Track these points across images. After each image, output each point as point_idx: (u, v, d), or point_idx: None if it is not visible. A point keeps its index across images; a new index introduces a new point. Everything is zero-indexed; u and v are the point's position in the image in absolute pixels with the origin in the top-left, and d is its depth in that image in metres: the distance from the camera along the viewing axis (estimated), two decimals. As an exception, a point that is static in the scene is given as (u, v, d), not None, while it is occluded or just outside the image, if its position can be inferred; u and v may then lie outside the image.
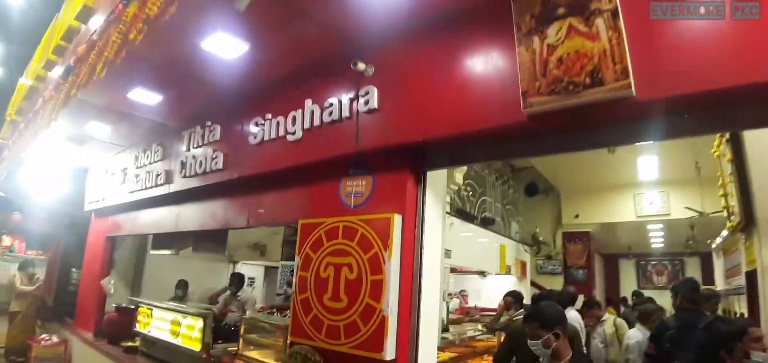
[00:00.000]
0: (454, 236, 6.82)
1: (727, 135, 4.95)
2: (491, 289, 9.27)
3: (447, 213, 6.73)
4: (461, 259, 7.05)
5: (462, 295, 8.94)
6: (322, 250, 4.03)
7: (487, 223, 7.96)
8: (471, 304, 9.21)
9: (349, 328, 3.66)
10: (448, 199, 6.86)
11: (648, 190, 10.62)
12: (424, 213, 3.80)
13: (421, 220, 3.77)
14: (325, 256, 3.99)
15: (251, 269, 10.63)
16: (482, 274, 8.46)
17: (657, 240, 14.27)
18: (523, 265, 9.40)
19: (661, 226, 12.26)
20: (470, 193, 7.91)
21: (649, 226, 12.37)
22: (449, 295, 6.04)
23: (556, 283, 9.49)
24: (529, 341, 2.71)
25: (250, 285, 10.45)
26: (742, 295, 5.67)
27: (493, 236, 8.18)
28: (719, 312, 5.80)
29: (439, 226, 4.06)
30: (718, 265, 8.08)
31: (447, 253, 6.33)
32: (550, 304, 2.89)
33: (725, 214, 5.73)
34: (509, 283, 8.76)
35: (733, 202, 5.16)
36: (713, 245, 8.06)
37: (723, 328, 3.23)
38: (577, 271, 11.06)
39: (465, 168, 7.04)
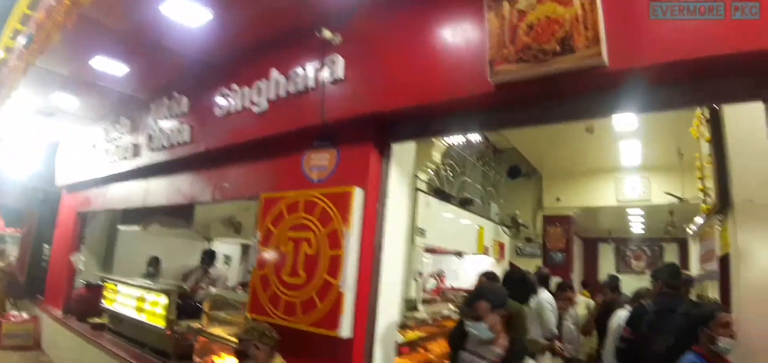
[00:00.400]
0: (431, 216, 6.69)
1: (707, 115, 4.82)
2: (468, 270, 9.17)
3: (424, 192, 6.59)
4: (438, 240, 6.92)
5: (439, 275, 8.83)
6: (283, 225, 3.87)
7: (465, 204, 7.83)
8: (448, 284, 9.10)
9: (306, 304, 3.52)
10: (425, 178, 6.72)
11: (630, 176, 10.56)
12: (388, 187, 3.65)
13: (384, 195, 3.62)
14: (286, 231, 3.83)
15: (228, 247, 10.45)
16: (459, 254, 8.34)
17: (637, 225, 14.31)
18: (502, 246, 9.31)
19: (642, 211, 12.26)
20: (450, 173, 7.77)
21: (630, 211, 12.37)
22: (420, 274, 5.92)
23: (534, 266, 9.42)
24: (469, 323, 2.59)
25: (226, 262, 10.29)
26: (715, 280, 5.61)
27: (471, 217, 8.06)
28: (693, 297, 5.75)
29: (404, 202, 3.92)
30: (694, 250, 8.05)
31: (421, 233, 6.20)
32: (498, 286, 2.81)
33: (702, 196, 5.63)
34: (487, 264, 8.66)
35: (711, 184, 5.06)
36: (690, 230, 8.02)
37: (695, 312, 3.15)
38: (557, 254, 11.02)
39: (444, 147, 6.90)
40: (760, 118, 2.50)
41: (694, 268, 7.67)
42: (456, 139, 8.23)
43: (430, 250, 7.63)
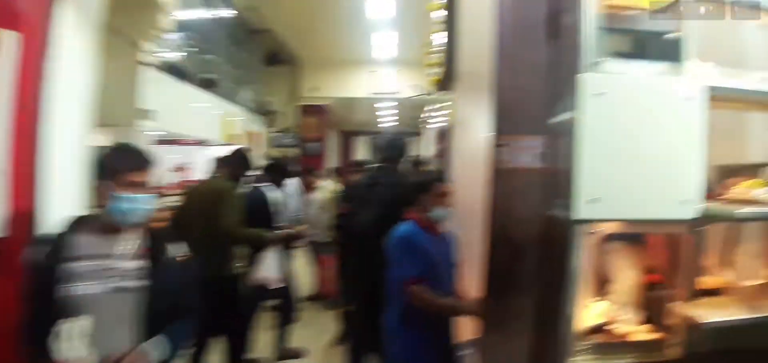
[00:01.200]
0: (164, 97, 5.70)
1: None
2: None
3: (151, 66, 5.52)
4: (173, 124, 6.00)
5: (181, 168, 7.88)
6: None
7: (208, 86, 6.91)
8: (197, 178, 8.24)
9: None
10: (154, 50, 5.62)
11: (384, 68, 10.84)
12: (57, 36, 2.64)
13: (51, 46, 2.61)
14: None
15: None
16: (203, 143, 7.50)
17: (389, 117, 15.14)
18: (256, 136, 8.73)
19: (393, 103, 12.88)
20: (189, 48, 6.72)
21: (383, 104, 12.90)
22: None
23: (290, 156, 9.16)
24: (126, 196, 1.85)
25: None
26: (444, 157, 5.92)
27: (216, 101, 7.20)
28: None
29: (87, 61, 2.92)
30: (428, 134, 8.62)
31: (147, 115, 5.21)
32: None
33: (434, 72, 5.68)
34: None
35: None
36: (425, 115, 8.52)
37: (411, 182, 2.98)
38: (312, 144, 11.00)
39: (175, 15, 5.80)
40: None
41: (428, 150, 8.24)
42: (200, 12, 7.14)
43: (170, 141, 6.64)
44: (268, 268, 3.57)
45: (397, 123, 15.89)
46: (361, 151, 17.54)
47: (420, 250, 2.46)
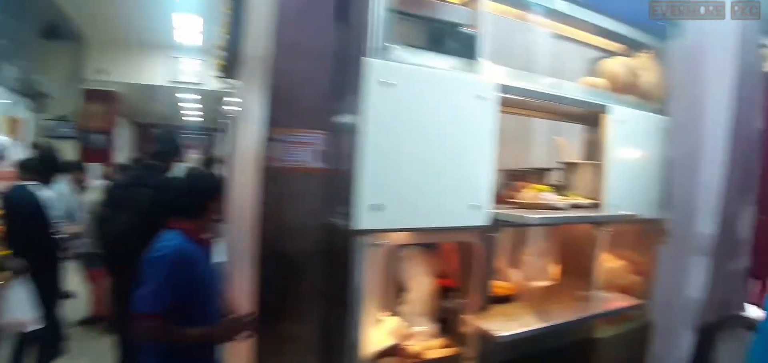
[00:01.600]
0: None
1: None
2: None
3: None
4: None
5: None
6: None
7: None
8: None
9: None
10: None
11: (187, 55, 9.90)
12: None
13: None
14: None
15: None
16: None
17: (193, 111, 14.09)
18: (19, 123, 7.26)
19: (197, 95, 12.00)
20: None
21: (185, 95, 11.94)
22: None
23: (68, 149, 7.80)
24: None
25: None
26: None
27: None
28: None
29: None
30: (227, 130, 8.07)
31: None
32: None
33: (218, 56, 5.10)
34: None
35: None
36: (222, 108, 7.99)
37: (181, 185, 2.45)
38: (97, 136, 9.60)
39: None
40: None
41: (226, 148, 7.70)
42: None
43: None
44: (18, 304, 2.76)
45: (202, 116, 14.82)
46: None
47: (184, 271, 1.95)
